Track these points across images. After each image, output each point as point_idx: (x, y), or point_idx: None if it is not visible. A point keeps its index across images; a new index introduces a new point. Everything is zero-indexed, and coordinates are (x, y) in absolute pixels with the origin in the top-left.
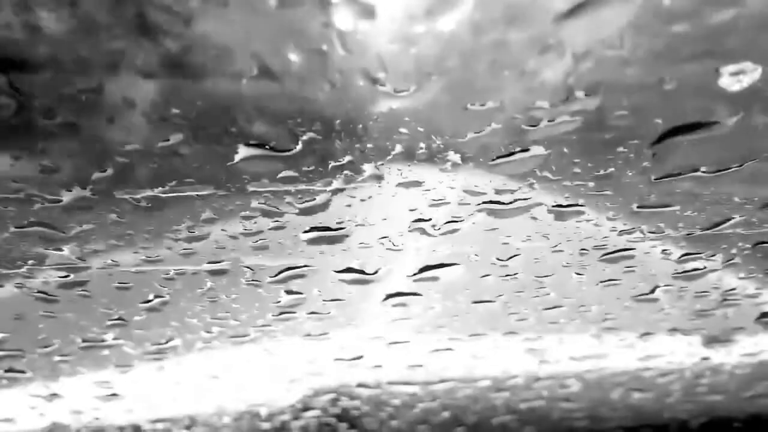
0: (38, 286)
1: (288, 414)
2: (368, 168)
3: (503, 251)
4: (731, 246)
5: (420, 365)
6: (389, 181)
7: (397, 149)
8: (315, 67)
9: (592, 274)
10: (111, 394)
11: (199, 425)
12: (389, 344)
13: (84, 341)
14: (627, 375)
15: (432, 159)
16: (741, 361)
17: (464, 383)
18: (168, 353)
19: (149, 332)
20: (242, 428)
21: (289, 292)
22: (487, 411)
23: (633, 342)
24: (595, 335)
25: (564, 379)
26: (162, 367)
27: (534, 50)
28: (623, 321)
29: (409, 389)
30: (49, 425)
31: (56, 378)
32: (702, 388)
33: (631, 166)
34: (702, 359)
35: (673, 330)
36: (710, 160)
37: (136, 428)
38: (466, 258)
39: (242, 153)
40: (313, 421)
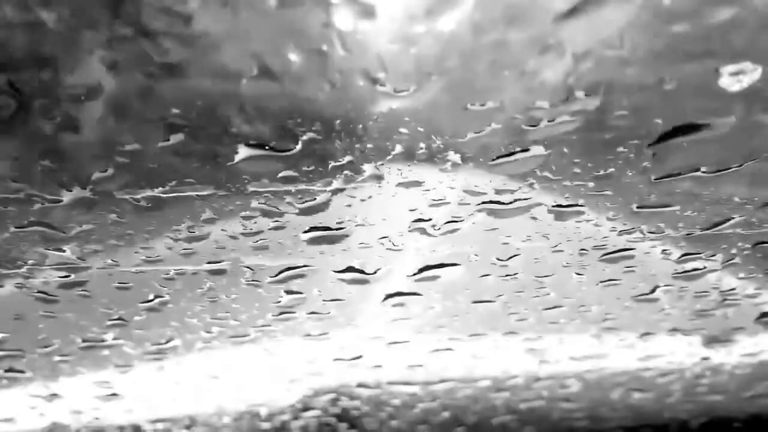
0: (38, 286)
1: (288, 414)
2: (368, 168)
3: (503, 251)
4: (731, 246)
5: (420, 365)
6: (389, 181)
7: (397, 149)
8: (315, 67)
9: (592, 274)
10: (111, 394)
11: (199, 425)
12: (389, 344)
13: (84, 341)
14: (627, 375)
15: (432, 159)
16: (741, 361)
17: (464, 383)
18: (168, 353)
19: (149, 332)
20: (242, 428)
21: (289, 292)
22: (487, 411)
23: (633, 342)
24: (595, 335)
25: (564, 379)
26: (162, 367)
27: (534, 50)
28: (623, 321)
29: (409, 389)
30: (49, 425)
31: (56, 378)
32: (702, 388)
33: (631, 166)
34: (702, 359)
35: (673, 330)
36: (710, 160)
37: (136, 428)
38: (466, 258)
39: (242, 153)
40: (313, 421)
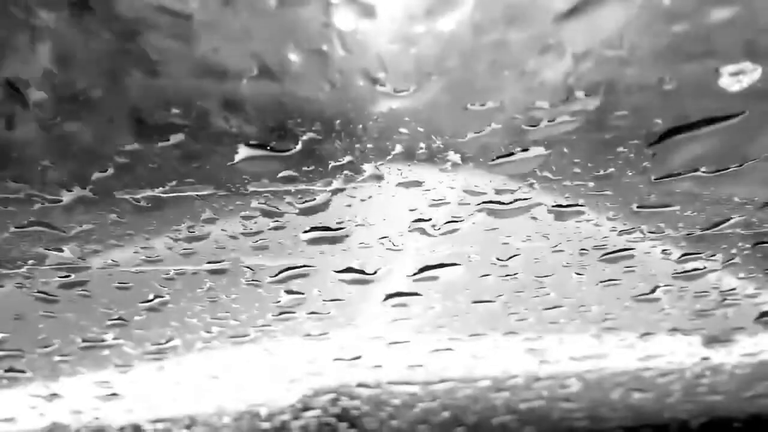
0: (38, 286)
1: (288, 414)
2: (368, 168)
3: (503, 251)
4: (731, 246)
5: (420, 365)
6: (389, 181)
7: (397, 149)
8: (315, 67)
9: (592, 274)
10: (111, 394)
11: (199, 425)
12: (389, 344)
13: (84, 341)
14: (627, 375)
15: (432, 159)
16: (741, 361)
17: (464, 383)
18: (168, 353)
19: (149, 332)
20: (242, 428)
21: (289, 292)
22: (487, 411)
23: (633, 342)
24: (595, 335)
25: (564, 379)
26: (162, 367)
27: (534, 50)
28: (623, 321)
29: (409, 389)
30: (49, 425)
31: (56, 378)
32: (702, 388)
33: (631, 166)
34: (702, 359)
35: (673, 330)
36: (710, 160)
37: (136, 428)
38: (466, 258)
39: (242, 153)
40: (313, 421)
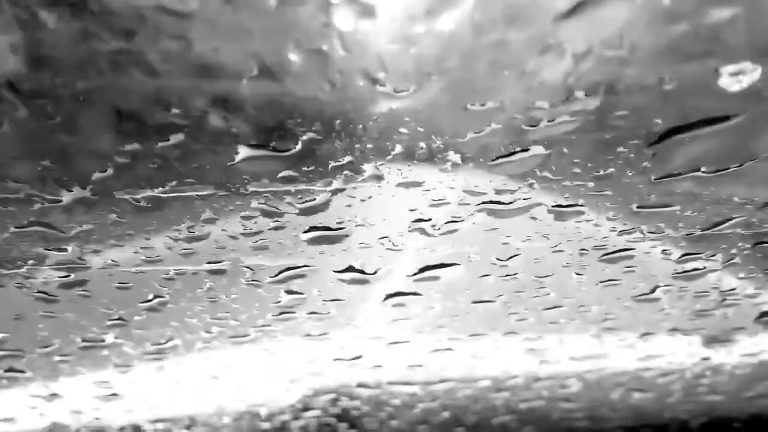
0: (38, 286)
1: (288, 414)
2: (368, 168)
3: (503, 251)
4: (731, 246)
5: (420, 365)
6: (389, 181)
7: (397, 149)
8: (315, 67)
9: (592, 274)
10: (111, 394)
11: (199, 425)
12: (389, 344)
13: (84, 341)
14: (627, 375)
15: (432, 159)
16: (741, 361)
17: (464, 383)
18: (168, 353)
19: (149, 332)
20: (242, 428)
21: (289, 292)
22: (487, 411)
23: (633, 342)
24: (595, 335)
25: (564, 379)
26: (162, 367)
27: (534, 50)
28: (623, 321)
29: (409, 389)
30: (49, 425)
31: (56, 378)
32: (702, 388)
33: (631, 166)
34: (702, 359)
35: (673, 330)
36: (710, 160)
37: (136, 428)
38: (466, 258)
39: (242, 153)
40: (313, 421)
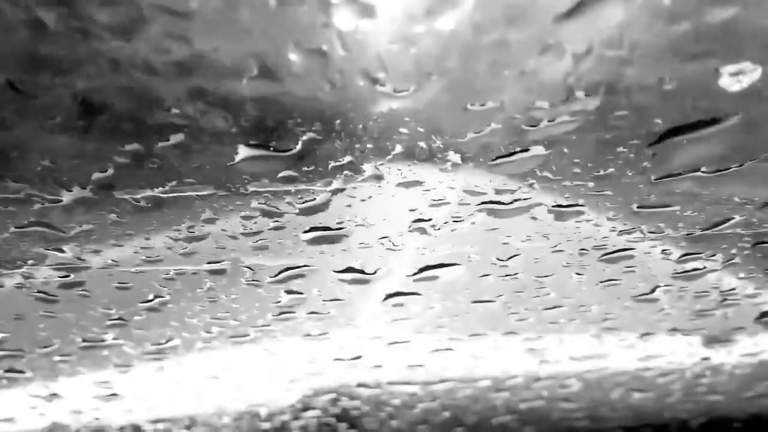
0: (38, 286)
1: (288, 414)
2: (368, 168)
3: (503, 251)
4: (731, 246)
5: (420, 365)
6: (389, 181)
7: (397, 149)
8: (315, 67)
9: (592, 274)
10: (111, 394)
11: (199, 425)
12: (389, 344)
13: (84, 341)
14: (627, 375)
15: (432, 159)
16: (741, 361)
17: (464, 383)
18: (168, 353)
19: (149, 332)
20: (242, 428)
21: (289, 292)
22: (487, 411)
23: (633, 342)
24: (595, 335)
25: (564, 379)
26: (162, 367)
27: (534, 50)
28: (623, 321)
29: (409, 389)
30: (49, 425)
31: (56, 378)
32: (702, 388)
33: (631, 166)
34: (702, 359)
35: (673, 330)
36: (710, 160)
37: (136, 428)
38: (466, 258)
39: (242, 153)
40: (313, 421)
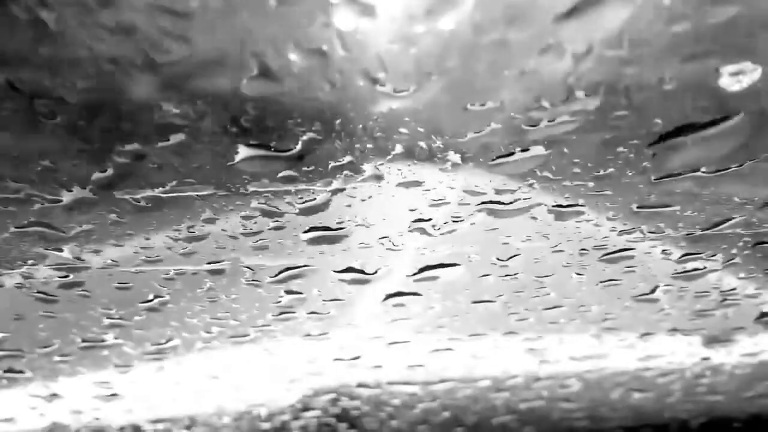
0: (38, 286)
1: (288, 414)
2: (368, 168)
3: (503, 251)
4: (731, 246)
5: (420, 365)
6: (389, 181)
7: (397, 149)
8: (315, 67)
9: (592, 274)
10: (111, 394)
11: (199, 425)
12: (389, 344)
13: (84, 341)
14: (627, 375)
15: (432, 159)
16: (741, 361)
17: (464, 383)
18: (168, 353)
19: (149, 332)
20: (242, 428)
21: (289, 292)
22: (487, 411)
23: (633, 342)
24: (595, 335)
25: (564, 379)
26: (162, 367)
27: (534, 50)
28: (623, 321)
29: (409, 389)
30: (49, 425)
31: (56, 378)
32: (702, 388)
33: (631, 166)
34: (702, 359)
35: (673, 330)
36: (710, 160)
37: (136, 428)
38: (466, 258)
39: (242, 153)
40: (313, 421)
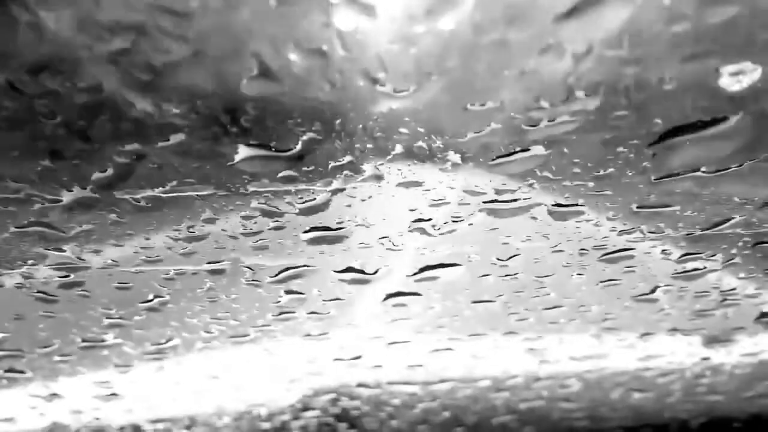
0: (38, 286)
1: (288, 414)
2: (368, 168)
3: (503, 251)
4: (731, 246)
5: (420, 365)
6: (389, 181)
7: (397, 149)
8: (315, 67)
9: (592, 274)
10: (111, 394)
11: (199, 425)
12: (389, 344)
13: (84, 341)
14: (627, 375)
15: (432, 159)
16: (741, 361)
17: (464, 383)
18: (168, 353)
19: (149, 332)
20: (242, 428)
21: (289, 292)
22: (487, 411)
23: (633, 342)
24: (595, 335)
25: (564, 379)
26: (162, 367)
27: (534, 50)
28: (623, 321)
29: (409, 389)
30: (49, 425)
31: (56, 378)
32: (702, 388)
33: (631, 166)
34: (702, 359)
35: (673, 330)
36: (710, 160)
37: (136, 428)
38: (466, 258)
39: (242, 153)
40: (313, 421)
